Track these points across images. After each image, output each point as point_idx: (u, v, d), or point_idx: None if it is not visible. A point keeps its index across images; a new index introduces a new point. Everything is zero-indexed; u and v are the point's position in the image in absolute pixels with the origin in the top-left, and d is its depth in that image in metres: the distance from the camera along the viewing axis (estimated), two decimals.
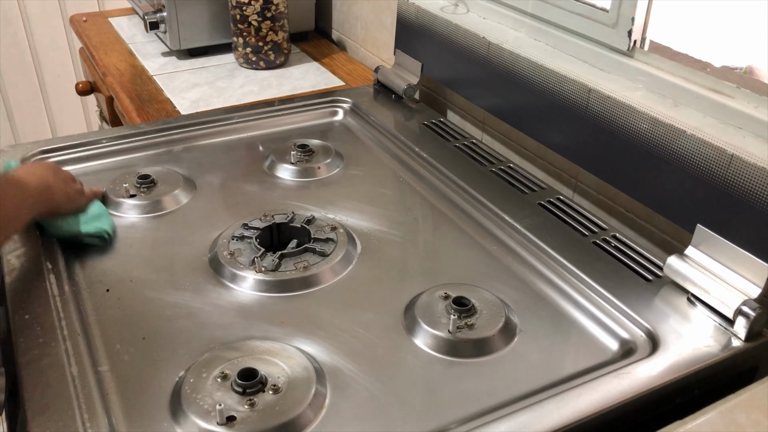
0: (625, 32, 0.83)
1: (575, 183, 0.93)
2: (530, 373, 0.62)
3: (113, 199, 0.85)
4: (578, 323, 0.68)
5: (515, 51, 0.91)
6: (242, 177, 0.93)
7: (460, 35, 1.01)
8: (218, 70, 1.34)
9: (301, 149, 0.97)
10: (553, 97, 0.86)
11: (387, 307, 0.70)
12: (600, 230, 0.79)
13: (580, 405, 0.56)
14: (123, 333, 0.66)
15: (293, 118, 1.10)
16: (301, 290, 0.72)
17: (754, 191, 0.65)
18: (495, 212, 0.82)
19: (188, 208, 0.86)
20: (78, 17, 1.63)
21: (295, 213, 0.82)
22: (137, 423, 0.56)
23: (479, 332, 0.65)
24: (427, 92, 1.21)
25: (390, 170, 0.97)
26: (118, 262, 0.76)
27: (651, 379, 0.59)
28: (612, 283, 0.70)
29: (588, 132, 0.82)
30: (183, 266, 0.75)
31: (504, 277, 0.74)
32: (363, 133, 1.06)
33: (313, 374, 0.60)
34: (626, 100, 0.77)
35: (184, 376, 0.60)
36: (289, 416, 0.55)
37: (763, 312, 0.62)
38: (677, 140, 0.71)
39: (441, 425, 0.57)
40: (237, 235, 0.78)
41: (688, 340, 0.63)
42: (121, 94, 1.23)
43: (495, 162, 0.94)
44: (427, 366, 0.63)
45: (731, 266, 0.66)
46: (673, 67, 0.79)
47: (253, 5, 1.28)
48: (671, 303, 0.68)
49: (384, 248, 0.79)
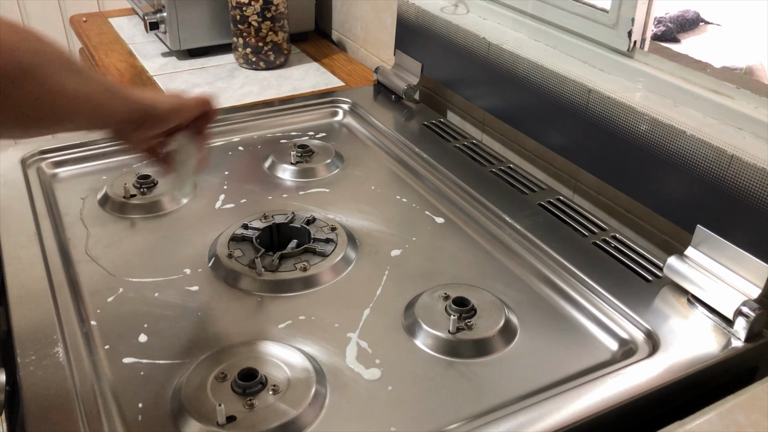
0: (625, 33, 0.83)
1: (575, 183, 0.93)
2: (530, 373, 0.62)
3: (113, 199, 0.85)
4: (578, 323, 0.68)
5: (515, 51, 0.91)
6: (242, 177, 0.93)
7: (460, 36, 1.01)
8: (218, 70, 1.34)
9: (301, 149, 0.97)
10: (553, 98, 0.86)
11: (387, 307, 0.70)
12: (600, 231, 0.79)
13: (580, 405, 0.56)
14: (123, 333, 0.66)
15: (293, 118, 1.10)
16: (301, 290, 0.72)
17: (754, 192, 0.65)
18: (495, 212, 0.82)
19: (188, 208, 0.86)
20: (78, 17, 1.63)
21: (295, 213, 0.82)
22: (137, 423, 0.56)
23: (479, 332, 0.65)
24: (427, 92, 1.21)
25: (390, 170, 0.97)
26: (118, 262, 0.76)
27: (651, 379, 0.59)
28: (612, 284, 0.70)
29: (588, 132, 0.82)
30: (183, 266, 0.75)
31: (504, 277, 0.74)
32: (363, 133, 1.06)
33: (313, 374, 0.60)
34: (626, 100, 0.77)
35: (184, 376, 0.60)
36: (289, 416, 0.55)
37: (762, 312, 0.63)
38: (677, 141, 0.71)
39: (441, 425, 0.57)
40: (237, 235, 0.78)
41: (688, 340, 0.63)
42: None
43: (495, 162, 0.94)
44: (427, 366, 0.63)
45: (731, 267, 0.66)
46: (673, 67, 0.79)
47: (253, 5, 1.28)
48: (671, 303, 0.68)
49: (384, 248, 0.79)
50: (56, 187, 0.90)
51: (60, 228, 0.81)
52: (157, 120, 0.66)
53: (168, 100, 0.67)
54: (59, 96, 0.55)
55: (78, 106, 0.57)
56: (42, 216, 0.81)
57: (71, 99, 0.56)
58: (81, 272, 0.74)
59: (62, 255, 0.76)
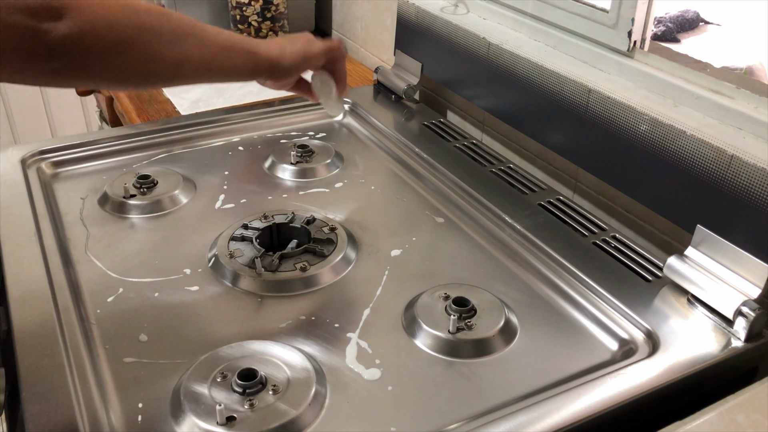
0: (625, 33, 0.83)
1: (575, 183, 0.93)
2: (530, 373, 0.62)
3: (113, 199, 0.85)
4: (578, 323, 0.68)
5: (515, 51, 0.91)
6: (242, 177, 0.93)
7: (460, 36, 1.01)
8: None
9: (301, 149, 0.97)
10: (553, 98, 0.86)
11: (387, 307, 0.70)
12: (600, 231, 0.79)
13: (580, 405, 0.56)
14: (123, 333, 0.66)
15: (293, 118, 1.10)
16: (301, 290, 0.72)
17: (754, 192, 0.65)
18: (495, 212, 0.82)
19: (188, 208, 0.86)
20: None
21: (295, 213, 0.82)
22: (137, 423, 0.56)
23: (479, 332, 0.65)
24: (427, 93, 1.21)
25: (390, 170, 0.97)
26: (118, 262, 0.76)
27: (651, 379, 0.59)
28: (612, 284, 0.70)
29: (588, 132, 0.82)
30: (183, 266, 0.75)
31: (504, 277, 0.74)
32: (363, 133, 1.06)
33: (313, 374, 0.60)
34: (626, 100, 0.77)
35: (184, 376, 0.60)
36: (289, 416, 0.55)
37: (762, 312, 0.63)
38: (677, 141, 0.71)
39: (441, 425, 0.57)
40: (237, 235, 0.78)
41: (688, 340, 0.63)
42: (121, 95, 1.23)
43: (495, 162, 0.94)
44: (427, 366, 0.63)
45: (731, 267, 0.66)
46: (672, 67, 0.79)
47: (253, 5, 1.28)
48: (671, 303, 0.68)
49: (384, 248, 0.79)
50: (56, 187, 0.90)
51: (60, 228, 0.81)
52: (285, 72, 0.71)
53: (294, 52, 0.71)
54: (161, 63, 0.60)
55: (189, 69, 0.62)
56: (42, 216, 0.81)
57: (177, 63, 0.61)
58: (81, 272, 0.74)
59: (62, 255, 0.76)
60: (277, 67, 0.70)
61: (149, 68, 0.59)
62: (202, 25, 0.63)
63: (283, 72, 0.71)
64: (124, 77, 0.59)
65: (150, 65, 0.59)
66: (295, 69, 0.72)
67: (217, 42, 0.64)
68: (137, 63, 0.58)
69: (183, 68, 0.62)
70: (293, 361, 0.61)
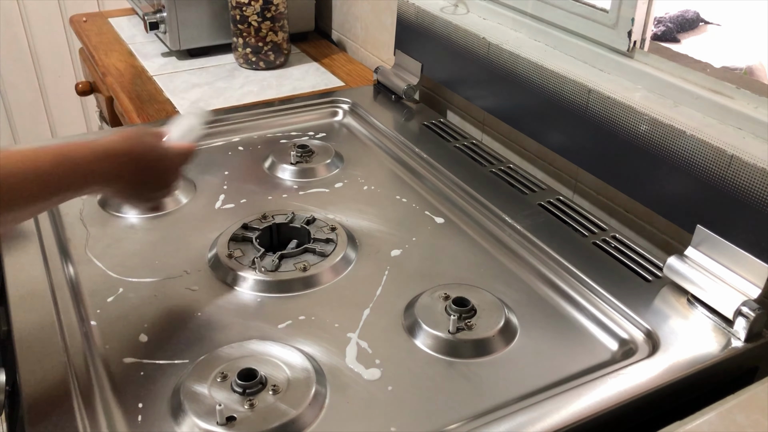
0: (625, 33, 0.83)
1: (575, 183, 0.93)
2: (530, 373, 0.62)
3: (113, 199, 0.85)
4: (578, 323, 0.68)
5: (515, 51, 0.91)
6: (242, 177, 0.93)
7: (460, 36, 1.01)
8: (218, 70, 1.34)
9: (301, 149, 0.97)
10: (553, 98, 0.86)
11: (387, 307, 0.70)
12: (600, 231, 0.79)
13: (580, 405, 0.56)
14: (123, 333, 0.66)
15: (293, 118, 1.10)
16: (301, 291, 0.72)
17: (754, 192, 0.65)
18: (495, 212, 0.82)
19: (188, 208, 0.86)
20: (78, 17, 1.63)
21: (295, 213, 0.82)
22: (137, 423, 0.56)
23: (479, 332, 0.65)
24: (427, 92, 1.21)
25: (390, 170, 0.97)
26: (117, 263, 0.76)
27: (651, 379, 0.59)
28: (612, 284, 0.70)
29: (588, 132, 0.82)
30: (183, 266, 0.75)
31: (504, 277, 0.74)
32: (363, 133, 1.06)
33: (313, 374, 0.60)
34: (626, 100, 0.77)
35: (184, 376, 0.60)
36: (289, 416, 0.55)
37: (762, 312, 0.63)
38: (677, 141, 0.71)
39: (441, 425, 0.57)
40: (237, 235, 0.78)
41: (688, 340, 0.63)
42: (121, 95, 1.23)
43: (495, 162, 0.94)
44: (427, 366, 0.63)
45: (731, 267, 0.66)
46: (672, 67, 0.79)
47: (253, 6, 1.28)
48: (671, 303, 0.68)
49: (384, 248, 0.79)
50: None
51: (60, 228, 0.81)
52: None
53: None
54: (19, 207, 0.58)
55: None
56: (42, 216, 0.81)
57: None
58: (81, 272, 0.74)
59: (62, 255, 0.76)
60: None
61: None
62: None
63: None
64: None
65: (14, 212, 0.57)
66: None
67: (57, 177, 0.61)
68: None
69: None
70: (293, 361, 0.61)
